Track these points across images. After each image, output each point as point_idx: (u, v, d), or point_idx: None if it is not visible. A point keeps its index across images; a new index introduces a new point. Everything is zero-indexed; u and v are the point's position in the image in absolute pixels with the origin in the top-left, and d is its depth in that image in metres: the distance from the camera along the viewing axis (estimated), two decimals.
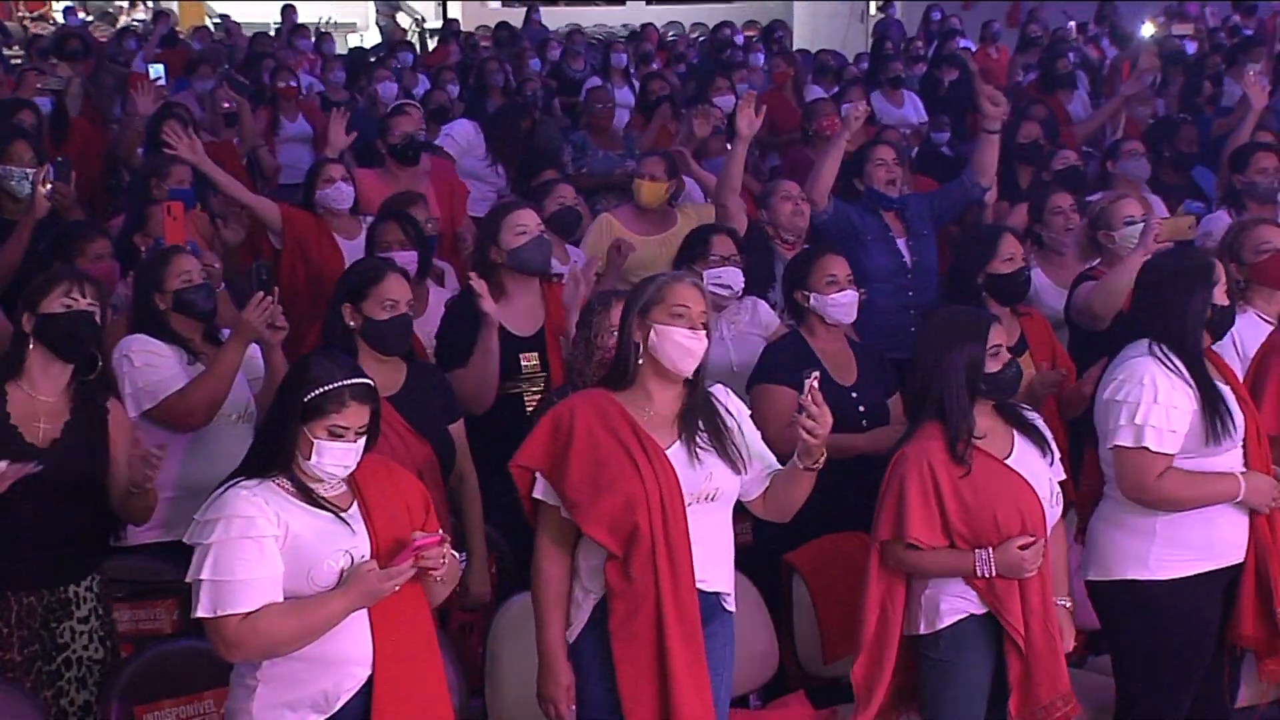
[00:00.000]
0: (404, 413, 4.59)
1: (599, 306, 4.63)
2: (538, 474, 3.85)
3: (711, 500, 3.87)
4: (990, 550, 4.10)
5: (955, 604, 4.17)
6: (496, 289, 5.25)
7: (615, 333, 4.30)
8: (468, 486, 4.82)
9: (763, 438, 4.03)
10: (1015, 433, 4.25)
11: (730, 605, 3.99)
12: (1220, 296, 4.39)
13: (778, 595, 4.78)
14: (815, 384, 3.74)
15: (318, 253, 6.63)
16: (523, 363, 5.27)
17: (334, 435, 3.51)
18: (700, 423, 3.88)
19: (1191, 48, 13.50)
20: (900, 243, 6.58)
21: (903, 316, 6.31)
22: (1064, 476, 4.35)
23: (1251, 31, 14.26)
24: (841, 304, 5.12)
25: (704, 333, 3.85)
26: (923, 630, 4.21)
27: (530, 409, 5.15)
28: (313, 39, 15.29)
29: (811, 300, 5.13)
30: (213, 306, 5.06)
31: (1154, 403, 4.27)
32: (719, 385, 4.05)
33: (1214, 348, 4.99)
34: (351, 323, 4.66)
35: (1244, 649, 4.54)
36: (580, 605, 3.88)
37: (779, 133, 10.20)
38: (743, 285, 5.66)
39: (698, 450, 3.85)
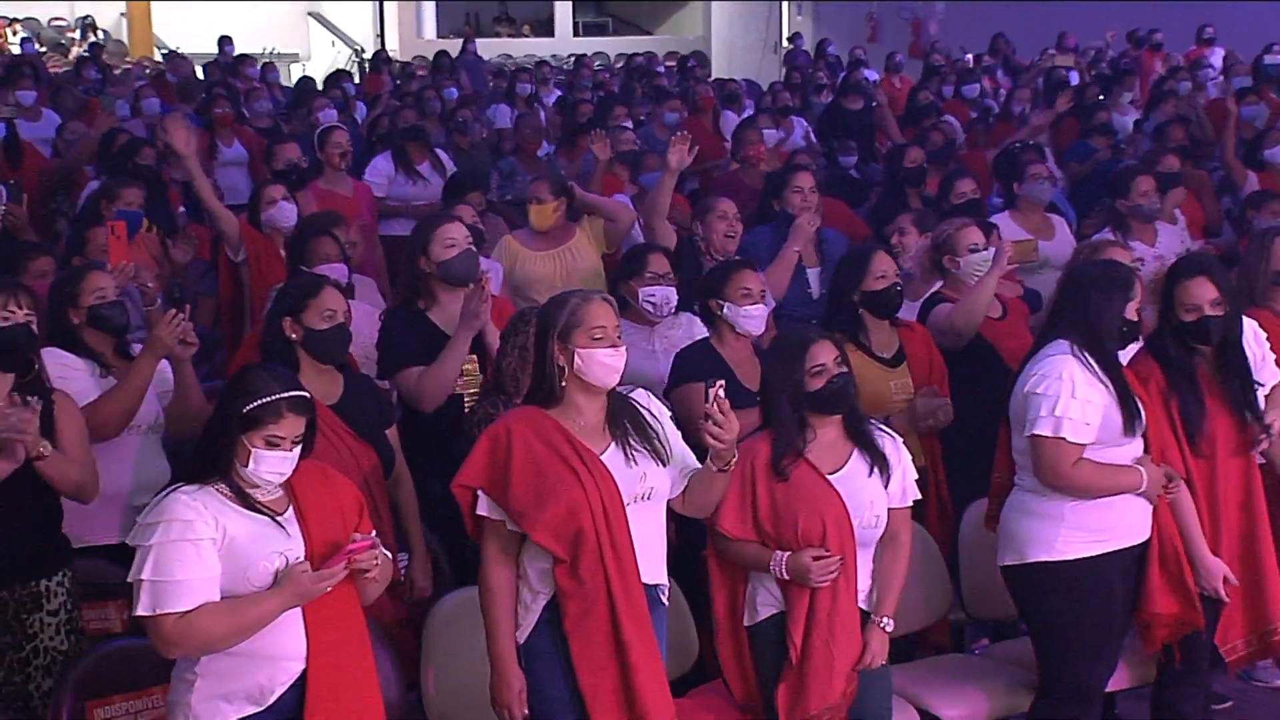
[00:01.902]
0: (347, 420, 4.58)
1: (530, 316, 4.62)
2: (479, 491, 3.84)
3: (648, 499, 3.89)
4: (785, 554, 4.12)
5: (766, 599, 4.22)
6: (428, 298, 5.26)
7: None
8: (404, 487, 4.80)
9: (687, 437, 4.04)
10: (855, 450, 4.25)
11: (665, 597, 4.01)
12: (1132, 312, 4.46)
13: (697, 590, 4.78)
14: (720, 392, 3.76)
15: (266, 268, 6.65)
16: (464, 365, 5.22)
17: (270, 444, 3.51)
18: (629, 426, 3.90)
19: (1074, 77, 13.71)
20: (812, 273, 6.57)
21: None
22: (909, 501, 4.33)
23: (1129, 63, 14.48)
24: (753, 316, 5.14)
25: (622, 346, 3.88)
26: (746, 622, 4.26)
27: (469, 409, 5.14)
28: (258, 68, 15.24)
29: (725, 310, 5.14)
30: (125, 322, 5.01)
31: (1072, 397, 4.33)
32: (640, 390, 4.06)
33: None
34: (293, 335, 4.62)
35: (1141, 624, 4.60)
36: (529, 607, 3.86)
37: (699, 159, 10.23)
38: (676, 301, 5.66)
39: (632, 453, 3.87)
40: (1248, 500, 4.74)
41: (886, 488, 4.24)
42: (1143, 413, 4.44)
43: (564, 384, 3.84)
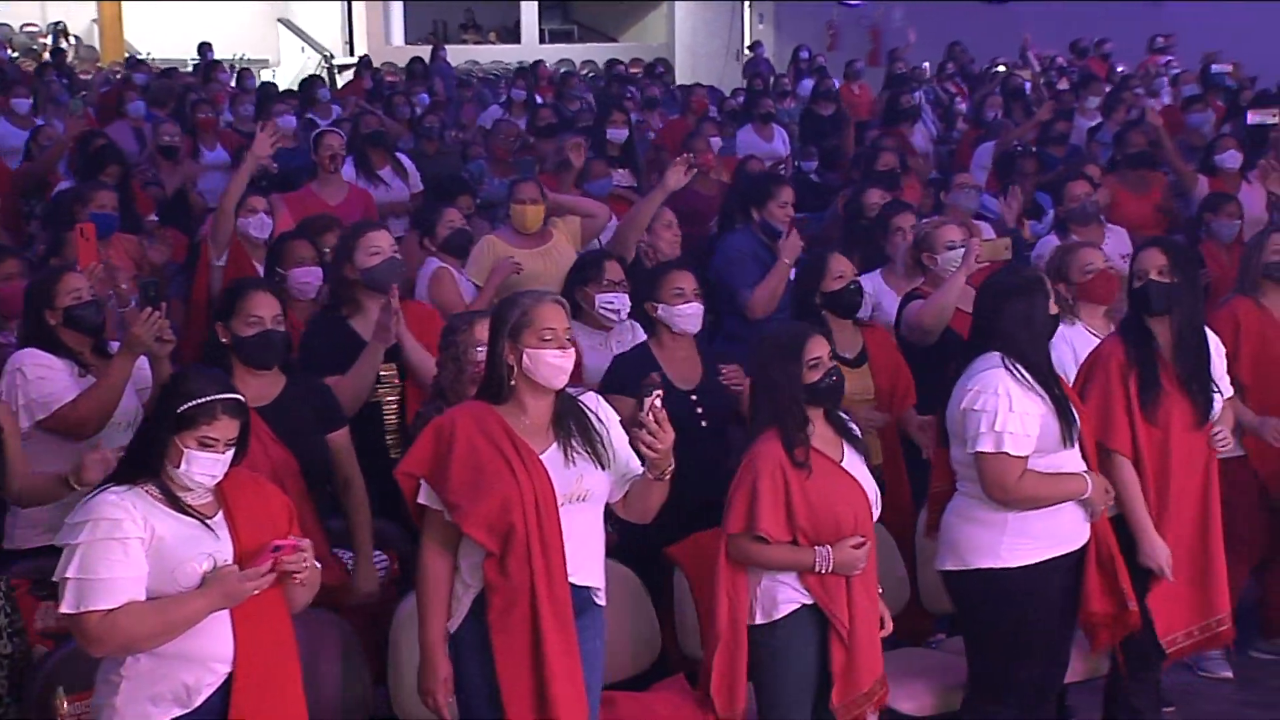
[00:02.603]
0: (272, 422, 4.53)
1: (462, 326, 4.66)
2: (422, 480, 3.84)
3: (583, 500, 3.88)
4: (830, 548, 4.15)
5: (790, 595, 4.22)
6: (352, 305, 5.23)
7: (482, 350, 4.35)
8: (354, 489, 4.75)
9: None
10: (844, 440, 4.31)
11: (600, 599, 3.99)
12: (1051, 308, 4.47)
13: (659, 587, 4.79)
14: (657, 402, 3.75)
15: (237, 273, 6.58)
16: (381, 372, 5.21)
17: (204, 445, 3.49)
18: (573, 428, 3.89)
19: (1029, 87, 13.78)
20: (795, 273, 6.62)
21: None
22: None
23: (1077, 71, 14.55)
24: (687, 314, 5.14)
25: (571, 348, 3.88)
26: (759, 620, 4.25)
27: (388, 415, 5.15)
28: (231, 73, 15.18)
29: (659, 311, 5.15)
30: (101, 321, 5.00)
31: (1010, 411, 4.32)
32: (590, 393, 4.06)
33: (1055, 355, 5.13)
34: (224, 339, 4.62)
35: (1084, 625, 4.62)
36: (460, 599, 3.86)
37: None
38: (629, 308, 5.67)
39: (572, 454, 3.86)
40: (1204, 486, 4.78)
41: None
42: (1077, 418, 4.44)
43: (512, 382, 3.84)
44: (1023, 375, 4.35)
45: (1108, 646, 4.70)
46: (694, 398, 5.06)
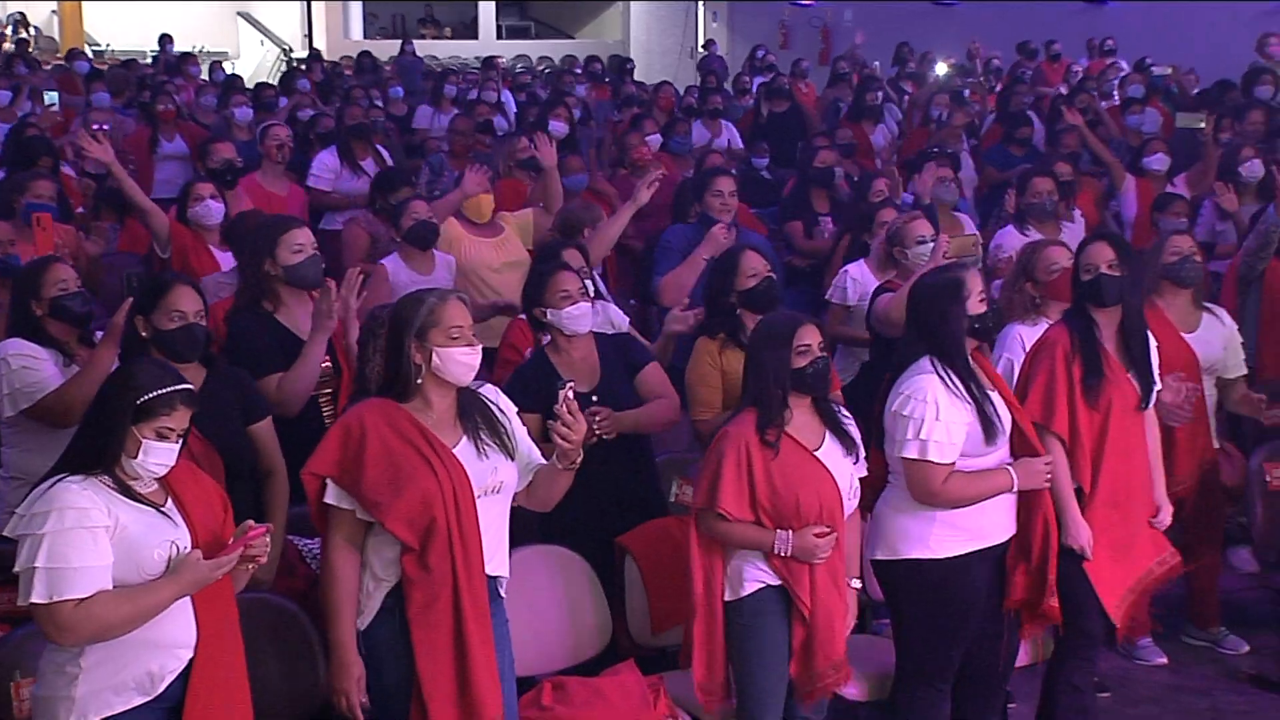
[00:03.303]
0: (199, 416, 4.42)
1: (384, 318, 4.53)
2: (328, 480, 3.80)
3: (497, 492, 3.88)
4: (790, 533, 4.17)
5: (756, 574, 4.25)
6: (274, 300, 5.13)
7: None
8: (276, 479, 4.65)
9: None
10: (827, 430, 4.32)
11: (504, 590, 3.98)
12: (975, 306, 4.47)
13: (609, 574, 4.79)
14: (570, 394, 3.77)
15: (196, 262, 6.61)
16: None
17: (160, 436, 3.45)
18: (479, 420, 3.88)
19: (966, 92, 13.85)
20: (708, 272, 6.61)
21: None
22: (865, 474, 4.43)
23: (1030, 74, 14.63)
24: (575, 315, 5.00)
25: (478, 344, 3.87)
26: (728, 597, 4.28)
27: (325, 408, 5.08)
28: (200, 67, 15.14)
29: (549, 315, 5.03)
30: (88, 311, 4.96)
31: (935, 420, 4.34)
32: (488, 385, 4.05)
33: (1008, 356, 5.16)
34: (144, 333, 4.55)
35: (1015, 614, 4.65)
36: (371, 595, 3.82)
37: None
38: (593, 292, 5.64)
39: (483, 447, 3.86)
40: (1139, 466, 4.82)
41: (856, 464, 4.36)
42: (1003, 420, 4.44)
43: (419, 381, 3.82)
44: (953, 381, 4.38)
45: (1032, 636, 4.74)
46: (594, 399, 4.94)
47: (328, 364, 5.07)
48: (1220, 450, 5.94)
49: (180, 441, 3.50)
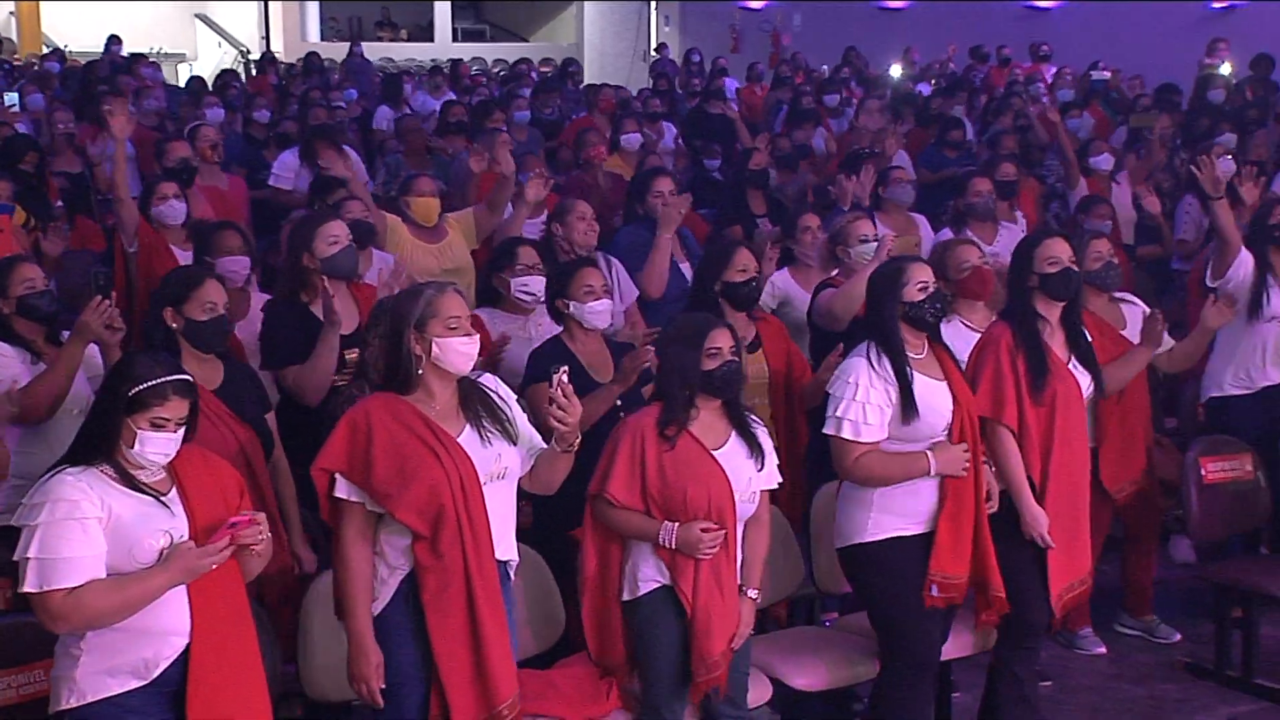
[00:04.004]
0: (228, 404, 4.60)
1: (390, 306, 4.62)
2: (338, 475, 3.82)
3: (502, 478, 3.90)
4: (675, 525, 4.17)
5: (649, 575, 4.25)
6: (311, 292, 5.22)
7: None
8: (281, 470, 4.79)
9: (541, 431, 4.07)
10: (734, 432, 4.32)
11: (514, 573, 4.02)
12: (912, 294, 4.51)
13: (564, 567, 4.80)
14: (564, 377, 3.81)
15: (157, 263, 6.56)
16: (346, 357, 5.19)
17: (156, 426, 3.47)
18: (481, 409, 3.91)
19: (925, 89, 13.94)
20: (684, 267, 6.65)
21: None
22: (775, 484, 4.41)
23: (981, 78, 14.73)
24: (597, 311, 5.13)
25: (476, 334, 3.90)
26: (626, 596, 4.30)
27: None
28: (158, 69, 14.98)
29: (571, 308, 5.13)
30: (55, 310, 4.98)
31: (852, 399, 4.43)
32: (488, 374, 4.07)
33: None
34: (174, 324, 4.61)
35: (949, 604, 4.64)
36: (386, 582, 3.85)
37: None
38: (544, 291, 5.66)
39: (487, 434, 3.88)
40: (1081, 459, 4.87)
41: (760, 470, 4.32)
42: (934, 407, 4.48)
43: (420, 372, 3.85)
44: (882, 365, 4.44)
45: (988, 626, 4.78)
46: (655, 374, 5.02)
47: (355, 357, 5.10)
48: (1158, 444, 6.03)
49: (180, 431, 3.51)
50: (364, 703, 3.90)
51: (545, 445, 4.01)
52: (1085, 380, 4.91)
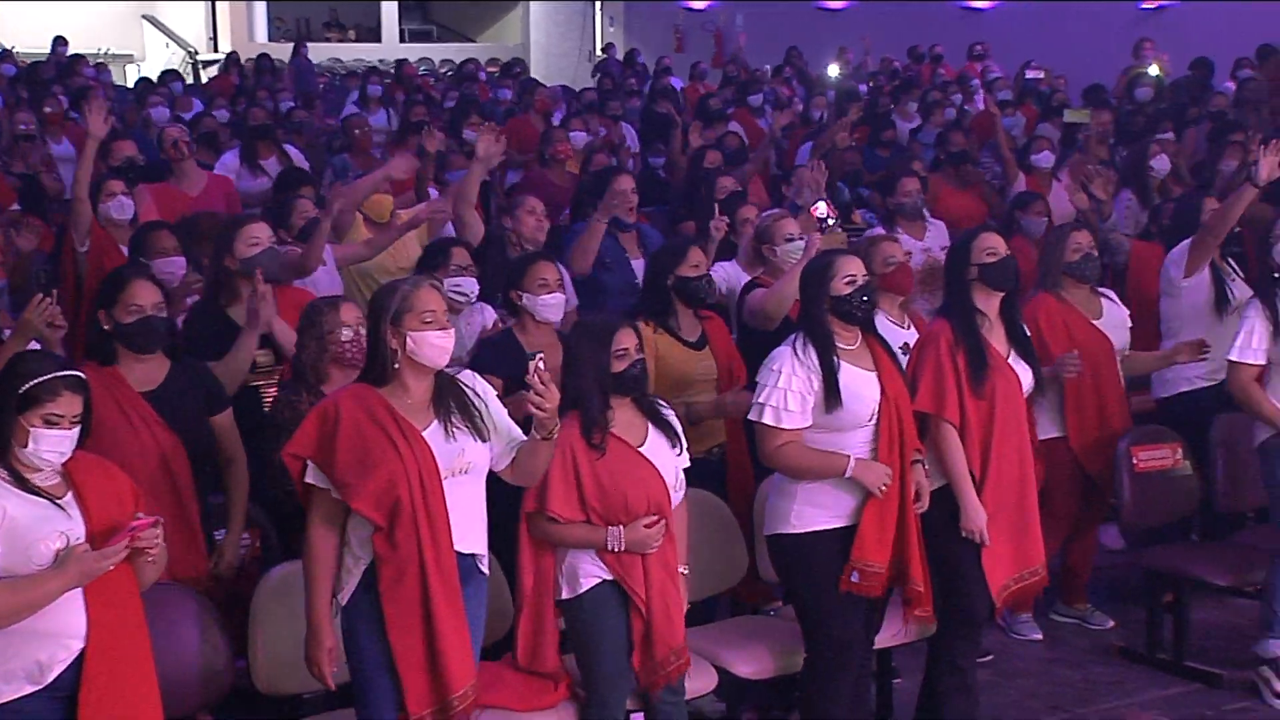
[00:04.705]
0: (160, 405, 4.51)
1: (326, 308, 4.67)
2: (308, 461, 3.83)
3: (466, 473, 3.90)
4: (621, 528, 4.19)
5: (590, 570, 4.26)
6: (229, 294, 5.18)
7: (346, 330, 4.54)
8: (236, 467, 4.73)
9: None
10: (650, 425, 4.34)
11: (485, 567, 4.03)
12: (839, 288, 4.53)
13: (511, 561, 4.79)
14: (541, 364, 3.82)
15: (107, 261, 6.50)
16: (259, 359, 5.16)
17: (49, 423, 3.43)
18: (453, 404, 3.91)
19: (862, 88, 14.01)
20: (636, 264, 6.64)
21: None
22: (688, 462, 4.44)
23: (912, 74, 14.83)
24: (551, 304, 5.15)
25: (451, 329, 3.92)
26: (566, 595, 4.30)
27: (266, 400, 5.10)
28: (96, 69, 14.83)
29: (524, 300, 5.15)
30: None
31: (775, 386, 4.47)
32: (467, 370, 4.09)
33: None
34: (106, 326, 4.55)
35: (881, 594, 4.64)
36: (351, 571, 3.87)
37: (523, 152, 10.24)
38: (477, 291, 5.67)
39: (453, 429, 3.88)
40: (1022, 449, 4.88)
41: (679, 455, 4.37)
42: (859, 397, 4.48)
43: (396, 365, 3.85)
44: (808, 356, 4.47)
45: (920, 620, 4.76)
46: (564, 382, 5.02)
47: (270, 359, 5.06)
48: None
49: (76, 429, 3.47)
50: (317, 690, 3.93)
51: (525, 438, 4.01)
52: (1026, 375, 4.92)
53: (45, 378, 3.44)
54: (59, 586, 3.37)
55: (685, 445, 4.43)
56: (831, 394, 4.45)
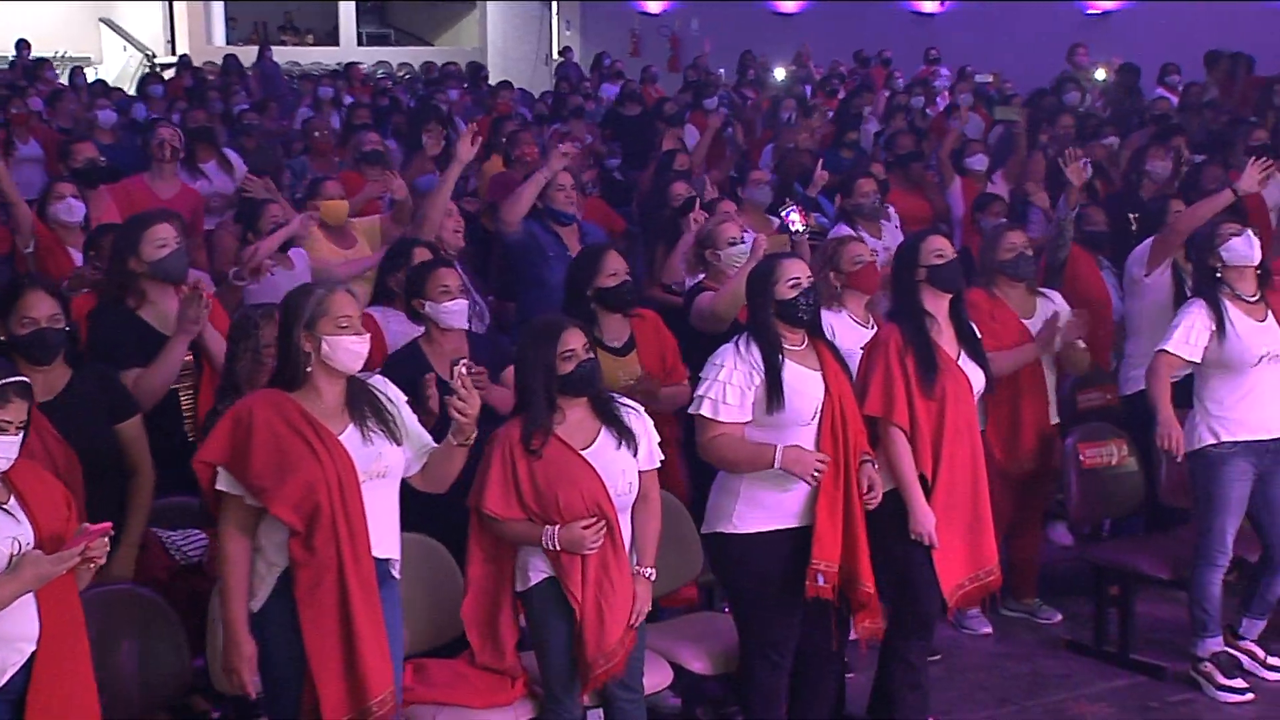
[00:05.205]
0: (57, 416, 4.37)
1: (261, 320, 4.60)
2: (220, 468, 3.79)
3: (382, 477, 3.89)
4: (555, 528, 4.17)
5: (538, 566, 4.26)
6: (137, 296, 5.07)
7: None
8: (140, 477, 4.62)
9: None
10: (603, 427, 4.31)
11: (396, 572, 3.99)
12: (784, 292, 4.54)
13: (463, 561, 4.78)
14: (465, 370, 3.83)
15: (52, 264, 6.45)
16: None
17: None
18: (367, 409, 3.89)
19: (808, 91, 14.05)
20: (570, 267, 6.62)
21: None
22: (656, 464, 4.40)
23: (859, 79, 14.90)
24: (453, 311, 5.07)
25: (366, 334, 3.88)
26: (519, 588, 4.30)
27: (184, 402, 5.04)
28: (58, 70, 14.75)
29: (426, 308, 5.08)
30: None
31: (715, 380, 4.48)
32: (378, 375, 4.06)
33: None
34: (2, 336, 4.48)
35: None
36: (264, 577, 3.83)
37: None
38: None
39: (369, 433, 3.86)
40: (973, 450, 4.89)
41: (635, 456, 4.32)
42: (811, 397, 4.50)
43: (309, 369, 3.82)
44: (751, 353, 4.48)
45: (870, 632, 4.74)
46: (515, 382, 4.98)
47: (189, 358, 5.00)
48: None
49: (20, 435, 3.44)
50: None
51: (436, 444, 3.99)
52: (977, 376, 4.93)
53: None
54: (13, 591, 3.35)
55: (654, 443, 4.38)
56: (774, 391, 4.45)
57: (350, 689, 3.79)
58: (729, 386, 4.47)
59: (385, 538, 3.90)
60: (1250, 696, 5.43)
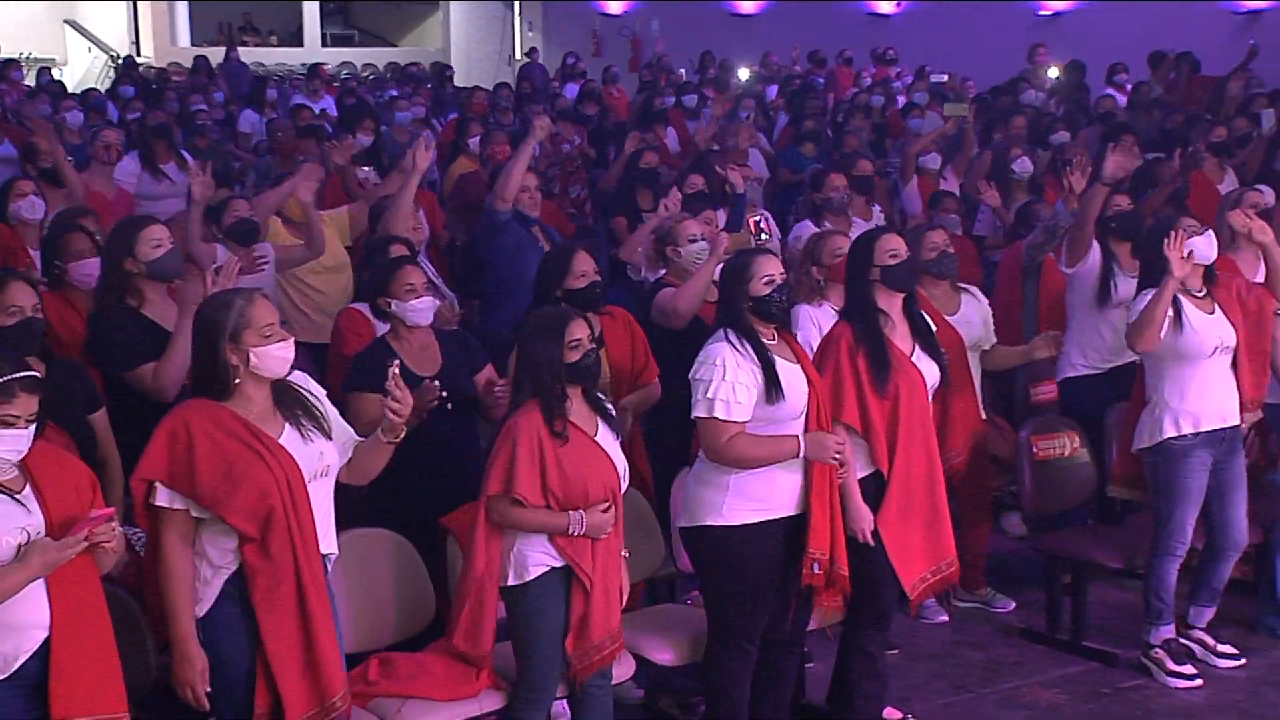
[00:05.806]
0: (45, 406, 4.35)
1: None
2: (157, 483, 3.74)
3: (325, 476, 3.89)
4: (583, 512, 4.21)
5: (540, 559, 4.26)
6: (137, 296, 5.06)
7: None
8: (110, 468, 4.60)
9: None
10: (598, 417, 4.36)
11: (330, 565, 3.99)
12: (758, 288, 4.54)
13: (432, 554, 4.79)
14: (397, 371, 3.86)
15: (13, 260, 6.37)
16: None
17: (5, 424, 3.37)
18: (298, 408, 3.89)
19: (771, 91, 14.10)
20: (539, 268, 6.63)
21: None
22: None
23: (823, 80, 14.95)
24: (419, 309, 5.04)
25: (290, 338, 3.87)
26: (512, 582, 4.29)
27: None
28: (25, 71, 14.64)
29: (393, 306, 5.05)
30: None
31: (722, 380, 4.44)
32: (298, 372, 4.01)
33: (803, 335, 5.28)
34: None
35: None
36: (209, 583, 3.79)
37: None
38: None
39: (306, 433, 3.86)
40: (929, 445, 4.89)
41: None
42: (793, 387, 4.51)
43: (238, 380, 3.79)
44: (743, 347, 4.48)
45: (832, 611, 4.79)
46: (435, 382, 4.87)
47: None
48: (991, 424, 6.17)
49: (31, 427, 3.41)
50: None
51: (359, 437, 4.01)
52: (931, 370, 4.94)
53: (1, 380, 3.37)
54: (23, 579, 3.34)
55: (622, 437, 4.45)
56: (773, 385, 4.46)
57: (312, 687, 3.78)
58: (737, 385, 4.44)
59: (326, 534, 3.89)
60: (1199, 683, 5.49)
